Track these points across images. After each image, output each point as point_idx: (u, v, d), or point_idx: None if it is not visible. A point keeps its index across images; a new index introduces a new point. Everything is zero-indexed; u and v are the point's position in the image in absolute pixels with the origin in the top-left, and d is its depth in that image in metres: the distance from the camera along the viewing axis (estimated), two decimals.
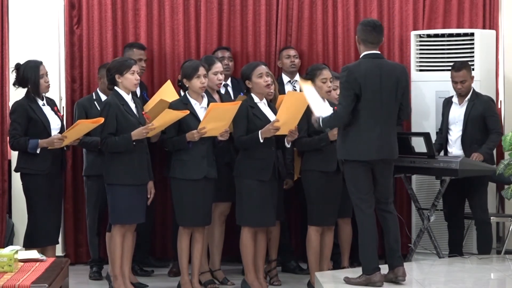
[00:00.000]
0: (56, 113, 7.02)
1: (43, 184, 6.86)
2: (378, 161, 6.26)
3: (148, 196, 6.98)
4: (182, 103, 7.00)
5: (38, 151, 6.79)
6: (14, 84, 6.99)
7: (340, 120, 6.27)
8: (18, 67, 6.95)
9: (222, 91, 7.90)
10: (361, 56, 6.33)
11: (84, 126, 6.89)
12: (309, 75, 7.13)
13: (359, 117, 6.20)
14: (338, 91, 7.35)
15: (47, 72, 7.01)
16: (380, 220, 6.40)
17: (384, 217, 6.36)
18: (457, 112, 7.67)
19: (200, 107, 7.04)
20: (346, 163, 6.31)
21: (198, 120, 6.97)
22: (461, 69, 7.58)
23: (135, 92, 7.29)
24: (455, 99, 7.71)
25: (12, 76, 7.09)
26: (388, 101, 6.24)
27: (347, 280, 6.41)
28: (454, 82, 7.63)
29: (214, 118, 6.83)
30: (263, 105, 7.11)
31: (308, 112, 6.93)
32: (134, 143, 6.75)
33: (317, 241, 7.10)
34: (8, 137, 7.33)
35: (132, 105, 6.88)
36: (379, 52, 6.33)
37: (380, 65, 6.25)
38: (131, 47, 8.06)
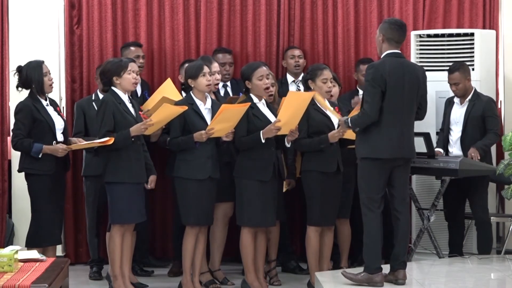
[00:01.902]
0: (59, 114, 7.02)
1: (49, 184, 6.85)
2: (399, 159, 6.26)
3: (149, 187, 6.94)
4: (187, 103, 6.97)
5: (40, 156, 6.79)
6: (17, 87, 6.96)
7: (369, 119, 6.20)
8: (20, 69, 6.93)
9: (222, 92, 7.90)
10: (383, 55, 6.31)
11: (92, 144, 6.89)
12: (310, 75, 7.13)
13: (381, 115, 6.19)
14: (336, 89, 7.41)
15: (49, 71, 7.01)
16: (392, 220, 6.38)
17: (397, 218, 6.34)
18: (458, 112, 7.67)
19: (204, 108, 7.03)
20: (364, 161, 6.27)
21: (203, 120, 6.96)
22: (454, 72, 7.57)
23: (136, 91, 7.24)
24: (456, 99, 7.71)
25: (12, 76, 7.08)
26: (409, 100, 6.24)
27: (345, 274, 6.38)
28: (449, 84, 7.63)
29: (224, 119, 6.82)
30: (262, 105, 7.10)
31: (308, 112, 6.96)
32: (132, 139, 6.74)
33: (316, 241, 7.09)
34: (8, 137, 7.31)
35: (129, 105, 6.84)
36: (400, 51, 6.34)
37: (403, 64, 6.26)
38: (128, 46, 8.06)
